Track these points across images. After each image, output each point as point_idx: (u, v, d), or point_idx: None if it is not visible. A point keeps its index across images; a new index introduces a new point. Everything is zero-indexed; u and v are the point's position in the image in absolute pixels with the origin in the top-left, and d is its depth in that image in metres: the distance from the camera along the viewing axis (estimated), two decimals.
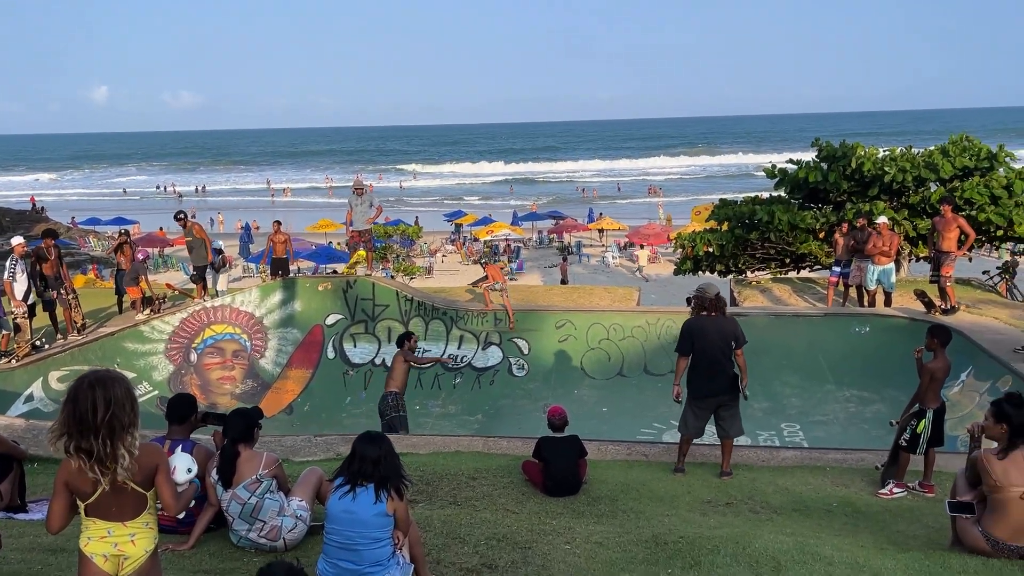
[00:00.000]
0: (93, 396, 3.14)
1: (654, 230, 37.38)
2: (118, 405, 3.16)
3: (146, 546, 3.36)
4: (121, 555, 3.31)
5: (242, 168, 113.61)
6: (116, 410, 3.15)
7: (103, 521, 3.30)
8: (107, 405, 3.14)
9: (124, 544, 3.30)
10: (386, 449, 4.38)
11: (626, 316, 14.81)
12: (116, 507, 3.29)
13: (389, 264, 30.03)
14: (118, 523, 3.31)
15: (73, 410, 3.14)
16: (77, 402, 3.14)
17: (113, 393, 3.17)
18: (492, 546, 5.36)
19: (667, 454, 8.73)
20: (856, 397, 12.67)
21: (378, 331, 15.10)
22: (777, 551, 4.86)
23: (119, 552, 3.30)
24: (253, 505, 5.08)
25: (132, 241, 16.41)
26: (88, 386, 3.17)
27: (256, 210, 60.82)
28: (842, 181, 18.15)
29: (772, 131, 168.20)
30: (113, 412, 3.14)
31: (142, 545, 3.35)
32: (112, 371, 3.33)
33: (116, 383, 3.22)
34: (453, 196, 72.67)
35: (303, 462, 7.84)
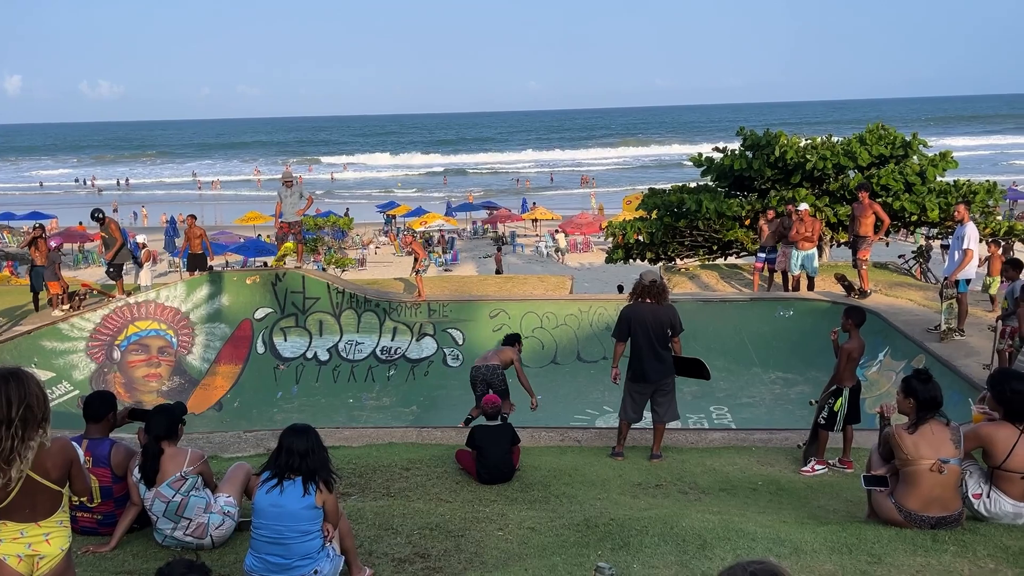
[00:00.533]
0: (7, 390, 3.04)
1: (587, 219, 37.76)
2: (33, 398, 3.09)
3: (61, 544, 3.29)
4: (36, 555, 3.22)
5: (166, 160, 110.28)
6: (31, 402, 3.08)
7: (15, 523, 3.20)
8: (21, 399, 3.05)
9: (38, 544, 3.22)
10: (313, 442, 4.34)
11: (559, 304, 14.95)
12: (29, 508, 3.21)
13: (320, 256, 29.57)
14: (31, 523, 3.22)
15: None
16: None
17: (27, 387, 3.09)
18: (425, 535, 5.36)
19: (600, 439, 8.87)
20: (781, 379, 13.06)
21: (309, 324, 14.89)
22: (703, 529, 4.99)
23: (33, 552, 3.21)
24: (178, 503, 4.96)
25: (47, 236, 15.75)
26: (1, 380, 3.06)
27: (182, 203, 59.20)
28: (766, 169, 18.64)
29: (700, 121, 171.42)
30: (28, 405, 3.06)
31: (57, 544, 3.27)
32: (21, 367, 3.22)
33: (29, 377, 3.14)
34: (386, 187, 72.02)
35: (232, 458, 7.69)
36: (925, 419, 5.06)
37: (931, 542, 4.75)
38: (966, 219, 11.57)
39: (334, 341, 14.75)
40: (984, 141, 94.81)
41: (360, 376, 14.34)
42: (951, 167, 18.79)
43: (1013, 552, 4.63)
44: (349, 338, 14.76)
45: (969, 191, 18.15)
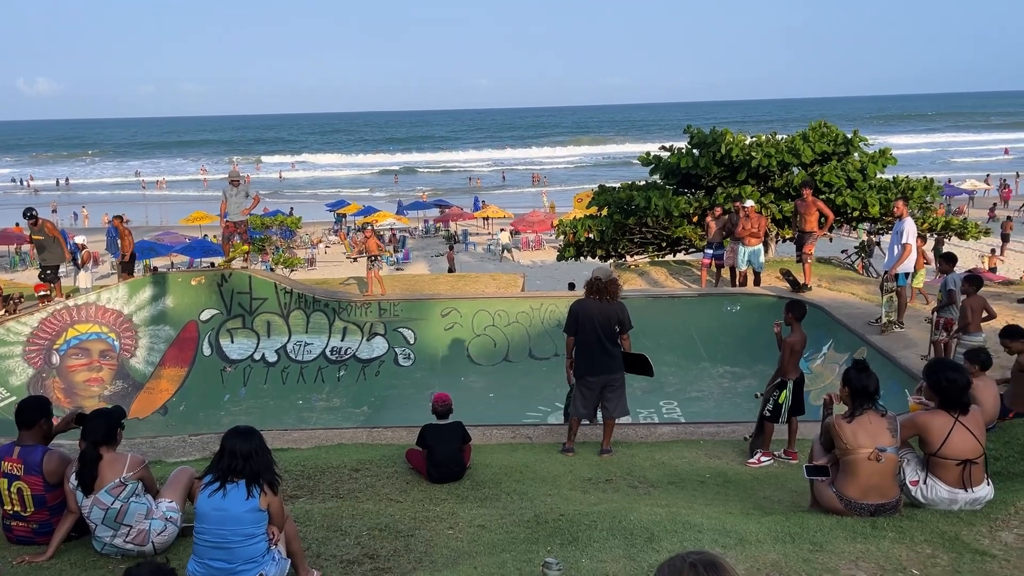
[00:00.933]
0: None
1: (538, 217, 37.89)
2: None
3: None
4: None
5: (108, 159, 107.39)
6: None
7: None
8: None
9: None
10: (256, 443, 4.27)
11: (511, 302, 14.97)
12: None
13: (268, 256, 29.12)
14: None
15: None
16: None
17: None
18: (374, 536, 5.32)
19: (551, 435, 8.90)
20: (729, 373, 13.27)
21: (256, 325, 14.66)
22: (651, 522, 5.04)
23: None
24: (117, 510, 4.83)
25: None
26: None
27: (125, 203, 57.76)
28: (713, 167, 18.91)
29: (650, 120, 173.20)
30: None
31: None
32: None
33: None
34: (336, 186, 71.25)
35: (177, 462, 7.53)
36: (862, 409, 5.19)
37: (870, 529, 4.87)
38: (904, 214, 11.89)
39: (282, 342, 14.55)
40: (925, 139, 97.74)
41: (309, 377, 14.17)
42: (891, 163, 19.30)
43: (949, 537, 4.77)
44: (298, 339, 14.58)
45: (908, 187, 18.66)
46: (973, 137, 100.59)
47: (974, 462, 5.15)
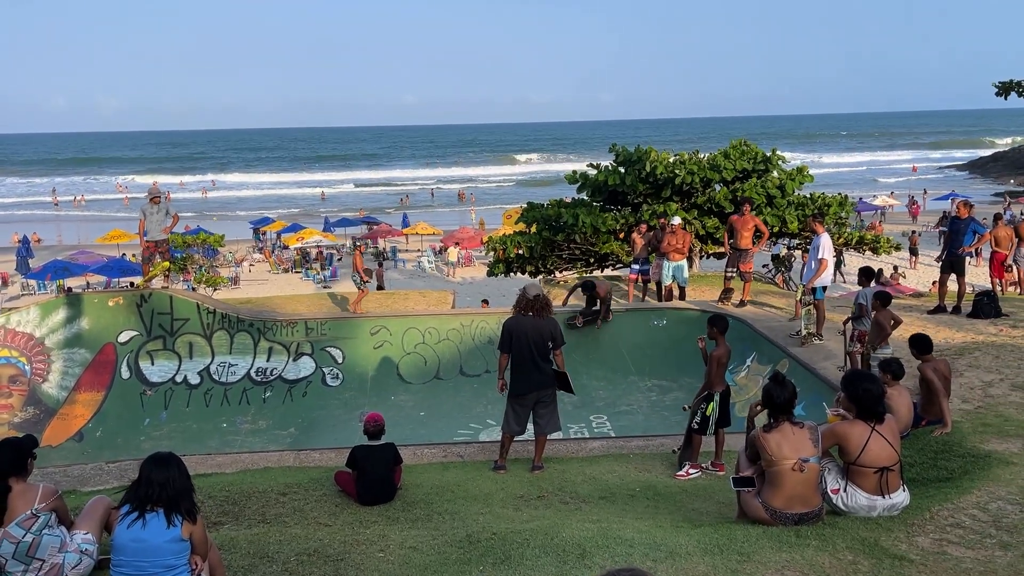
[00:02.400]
0: None
1: (468, 234, 37.94)
2: None
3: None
4: None
5: (17, 176, 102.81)
6: None
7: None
8: None
9: None
10: (175, 470, 4.12)
11: (441, 319, 14.89)
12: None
13: (190, 275, 28.35)
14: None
15: None
16: None
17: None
18: (303, 561, 5.19)
19: (483, 453, 8.88)
20: (656, 386, 13.48)
21: (178, 347, 14.20)
22: (583, 539, 5.06)
23: None
24: (29, 543, 4.59)
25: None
26: None
27: (36, 222, 55.41)
28: (638, 184, 19.28)
29: (574, 137, 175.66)
30: None
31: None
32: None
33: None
34: (261, 203, 69.87)
35: (93, 491, 7.23)
36: (779, 420, 5.34)
37: (795, 538, 5.00)
38: (820, 231, 12.32)
39: (205, 363, 14.13)
40: (859, 158, 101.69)
41: (234, 399, 13.79)
42: (807, 180, 20.02)
43: (869, 543, 4.93)
44: (221, 360, 14.18)
45: (823, 204, 19.38)
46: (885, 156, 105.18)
47: (890, 469, 5.34)
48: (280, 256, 39.27)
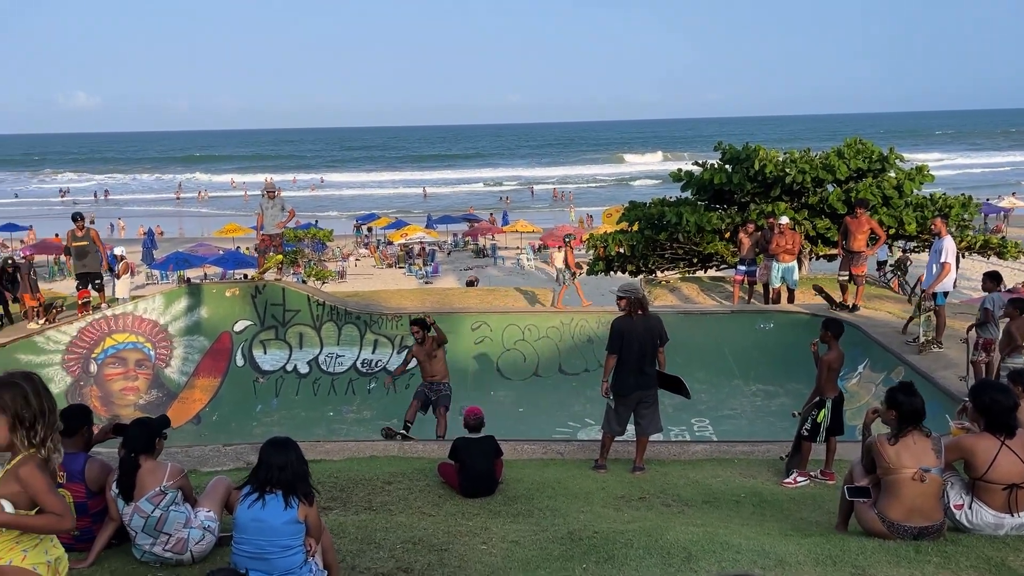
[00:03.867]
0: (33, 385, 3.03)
1: (568, 231, 37.84)
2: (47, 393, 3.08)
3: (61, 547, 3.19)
4: (54, 558, 3.11)
5: (145, 172, 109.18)
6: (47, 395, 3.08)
7: None
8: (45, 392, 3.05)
9: (52, 548, 3.11)
10: (293, 455, 4.29)
11: (541, 317, 14.95)
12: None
13: (300, 269, 29.41)
14: None
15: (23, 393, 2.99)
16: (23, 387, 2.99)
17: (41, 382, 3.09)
18: (408, 549, 5.31)
19: (583, 451, 8.85)
20: (761, 391, 13.13)
21: (289, 337, 14.77)
22: (688, 542, 4.98)
23: (51, 556, 3.10)
24: (157, 518, 4.88)
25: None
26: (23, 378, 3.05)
27: (160, 217, 58.76)
28: (746, 183, 18.78)
29: (678, 134, 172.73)
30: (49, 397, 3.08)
31: (60, 546, 3.17)
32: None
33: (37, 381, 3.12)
34: (368, 200, 71.81)
35: (211, 472, 7.60)
36: (907, 430, 5.10)
37: (914, 553, 4.77)
38: (944, 233, 11.68)
39: (314, 354, 14.64)
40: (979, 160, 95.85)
41: (340, 389, 14.23)
42: (927, 180, 19.03)
43: (995, 563, 4.66)
44: (329, 351, 14.67)
45: (945, 205, 18.39)
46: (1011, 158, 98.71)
47: (1020, 487, 5.03)
48: (384, 252, 40.25)
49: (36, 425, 2.96)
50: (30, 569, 3.00)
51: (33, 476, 2.94)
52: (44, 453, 3.01)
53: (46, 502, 2.96)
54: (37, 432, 2.97)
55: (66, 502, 3.04)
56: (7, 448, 2.97)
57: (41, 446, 2.99)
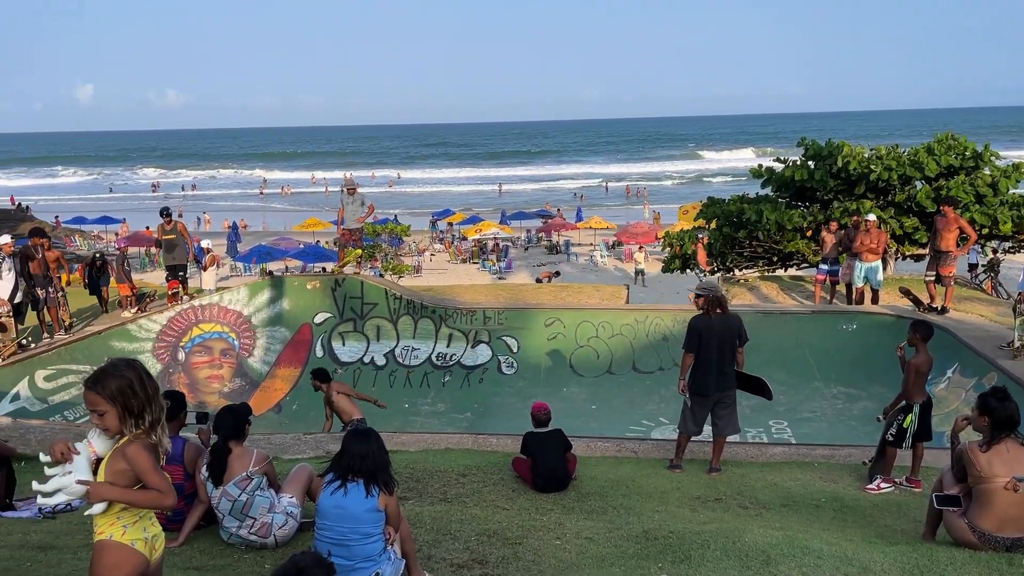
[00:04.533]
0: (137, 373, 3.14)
1: (642, 228, 37.48)
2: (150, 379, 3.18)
3: (158, 525, 3.28)
4: (152, 536, 3.20)
5: (230, 167, 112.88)
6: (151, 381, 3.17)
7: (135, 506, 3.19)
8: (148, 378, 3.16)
9: (151, 526, 3.21)
10: (374, 444, 4.39)
11: (615, 314, 14.86)
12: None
13: (377, 263, 29.98)
14: None
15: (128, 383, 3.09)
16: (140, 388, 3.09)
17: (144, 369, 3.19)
18: (483, 542, 5.36)
19: (657, 450, 8.77)
20: (843, 394, 12.75)
21: (367, 329, 15.07)
22: (767, 545, 4.89)
23: (149, 534, 3.19)
24: (243, 502, 5.06)
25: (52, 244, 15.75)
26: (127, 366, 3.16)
27: (244, 210, 60.65)
28: (829, 180, 18.26)
29: (760, 132, 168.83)
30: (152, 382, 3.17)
31: (158, 524, 3.27)
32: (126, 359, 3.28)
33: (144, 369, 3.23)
34: (442, 195, 72.59)
35: (292, 460, 7.82)
36: (999, 438, 4.89)
37: (1007, 565, 4.58)
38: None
39: (391, 346, 14.90)
40: None
41: (416, 382, 14.44)
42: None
43: None
44: (405, 344, 14.90)
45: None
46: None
47: None
48: (459, 247, 40.61)
49: (144, 413, 3.06)
50: (128, 544, 3.10)
51: (139, 454, 3.05)
52: (155, 438, 3.12)
53: (150, 480, 3.05)
54: (145, 419, 3.07)
55: (168, 481, 3.13)
56: (117, 434, 3.09)
57: (151, 431, 3.10)
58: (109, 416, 3.04)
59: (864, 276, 14.48)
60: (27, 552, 4.70)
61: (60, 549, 4.83)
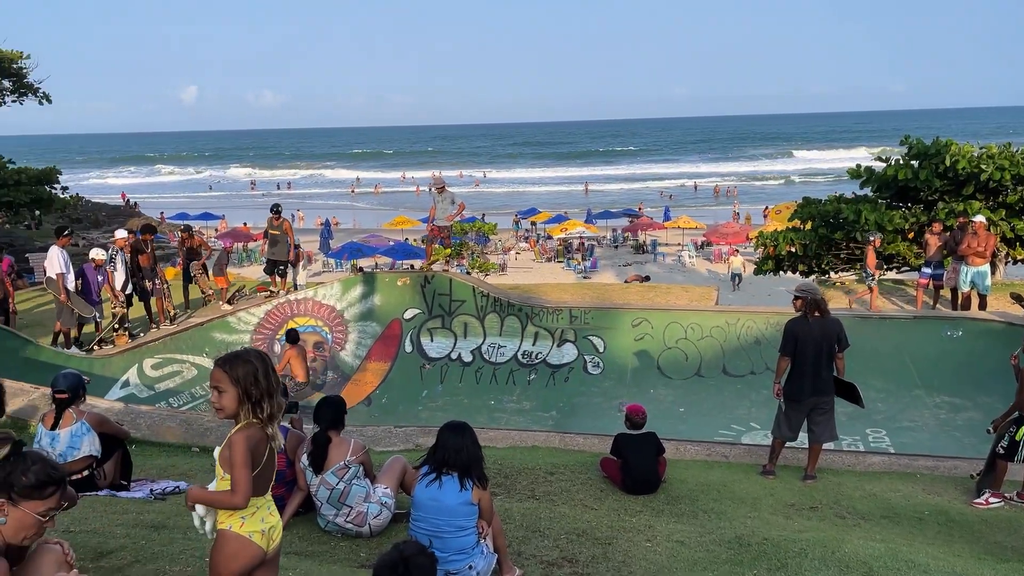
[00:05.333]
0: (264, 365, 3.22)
1: (732, 229, 36.72)
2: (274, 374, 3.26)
3: (277, 516, 3.35)
4: (269, 527, 3.27)
5: (323, 166, 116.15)
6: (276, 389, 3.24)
7: (254, 497, 3.23)
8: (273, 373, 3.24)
9: (268, 516, 3.27)
10: (469, 439, 4.45)
11: (704, 316, 14.58)
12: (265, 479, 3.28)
13: (464, 260, 30.33)
14: (261, 496, 3.27)
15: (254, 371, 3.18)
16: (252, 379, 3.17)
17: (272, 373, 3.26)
18: (572, 540, 5.36)
19: (748, 455, 8.59)
20: (947, 403, 12.18)
21: (454, 326, 15.26)
22: (868, 556, 4.72)
23: (267, 525, 3.25)
24: (341, 491, 5.20)
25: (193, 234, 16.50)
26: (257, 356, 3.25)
27: (336, 208, 62.30)
28: (934, 180, 17.48)
29: (856, 130, 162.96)
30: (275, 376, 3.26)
31: (276, 515, 3.34)
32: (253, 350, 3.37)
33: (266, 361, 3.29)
34: (530, 195, 72.81)
35: (384, 452, 7.99)
36: None
37: None
38: None
39: (477, 343, 15.03)
40: None
41: (502, 379, 14.52)
42: None
43: None
44: (492, 341, 15.01)
45: None
46: None
47: None
48: (544, 246, 40.67)
49: (261, 402, 3.16)
50: (246, 536, 3.19)
51: (239, 445, 3.12)
52: (271, 430, 3.21)
53: (235, 474, 3.12)
54: (264, 409, 3.17)
55: (248, 482, 3.14)
56: (232, 417, 3.19)
57: (269, 423, 3.20)
58: (228, 396, 3.13)
59: (971, 281, 13.82)
60: (141, 531, 4.96)
61: (171, 529, 5.07)
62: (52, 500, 3.18)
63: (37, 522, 3.16)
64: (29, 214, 27.28)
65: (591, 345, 14.58)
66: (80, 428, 6.13)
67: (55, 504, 3.20)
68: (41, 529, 3.20)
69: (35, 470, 3.15)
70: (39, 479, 3.14)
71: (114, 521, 5.18)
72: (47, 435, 6.10)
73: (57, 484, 3.21)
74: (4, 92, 24.01)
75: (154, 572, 4.18)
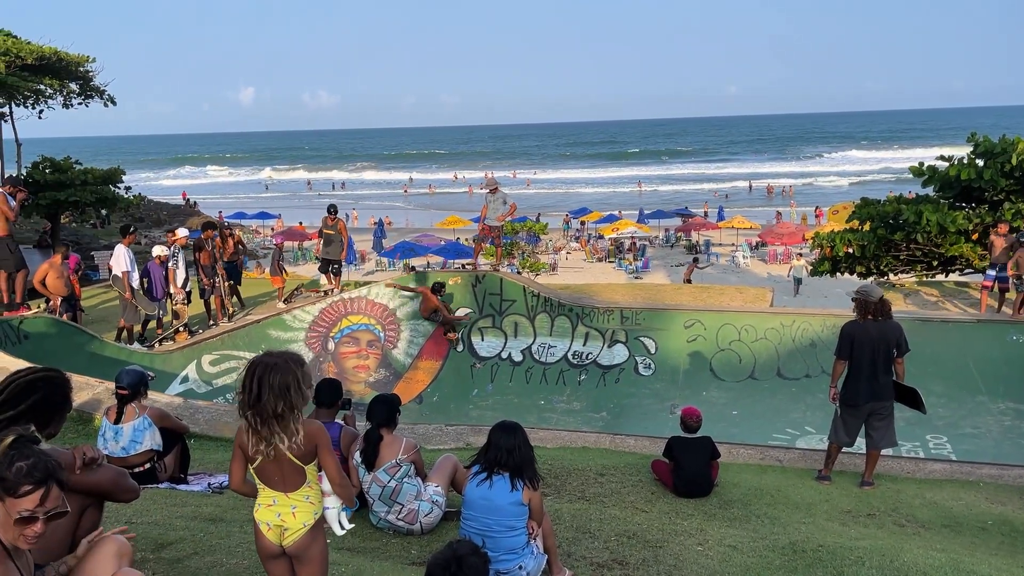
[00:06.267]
0: (252, 381, 3.31)
1: (788, 229, 36.08)
2: (275, 392, 3.28)
3: (305, 519, 3.43)
4: (282, 525, 3.42)
5: (376, 166, 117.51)
6: (272, 396, 3.29)
7: (269, 489, 3.46)
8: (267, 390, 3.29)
9: (286, 515, 3.42)
10: (520, 439, 4.46)
11: (759, 317, 14.36)
12: (278, 476, 3.42)
13: (515, 260, 30.37)
14: (281, 493, 3.43)
15: (241, 387, 3.37)
16: (243, 382, 3.35)
17: (272, 380, 3.29)
18: (622, 543, 5.34)
19: (803, 460, 8.44)
20: (1012, 410, 11.80)
21: (505, 325, 15.30)
22: (928, 567, 4.60)
23: (281, 522, 3.42)
24: (392, 488, 5.26)
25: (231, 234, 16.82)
26: (252, 370, 3.34)
27: (389, 208, 62.96)
28: (1000, 179, 16.91)
29: (917, 126, 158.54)
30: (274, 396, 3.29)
31: (301, 518, 3.43)
32: (286, 356, 3.41)
33: (278, 371, 3.32)
34: (583, 195, 72.57)
35: (435, 450, 8.06)
36: None
37: None
38: None
39: (528, 343, 15.05)
40: None
41: (552, 379, 14.51)
42: None
43: None
44: (542, 341, 15.01)
45: None
46: None
47: None
48: (595, 246, 40.50)
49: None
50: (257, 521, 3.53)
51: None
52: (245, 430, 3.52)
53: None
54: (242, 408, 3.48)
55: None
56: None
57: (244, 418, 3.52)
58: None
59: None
60: (200, 523, 5.09)
61: (228, 522, 5.19)
62: (28, 500, 2.76)
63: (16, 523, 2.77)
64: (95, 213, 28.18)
65: (642, 346, 14.48)
66: (142, 423, 6.31)
67: (32, 506, 2.76)
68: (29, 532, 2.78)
69: (18, 467, 2.78)
70: (16, 477, 2.77)
71: (174, 513, 5.33)
72: (111, 429, 6.29)
73: (38, 484, 2.78)
74: (72, 95, 24.82)
75: (212, 564, 4.29)
